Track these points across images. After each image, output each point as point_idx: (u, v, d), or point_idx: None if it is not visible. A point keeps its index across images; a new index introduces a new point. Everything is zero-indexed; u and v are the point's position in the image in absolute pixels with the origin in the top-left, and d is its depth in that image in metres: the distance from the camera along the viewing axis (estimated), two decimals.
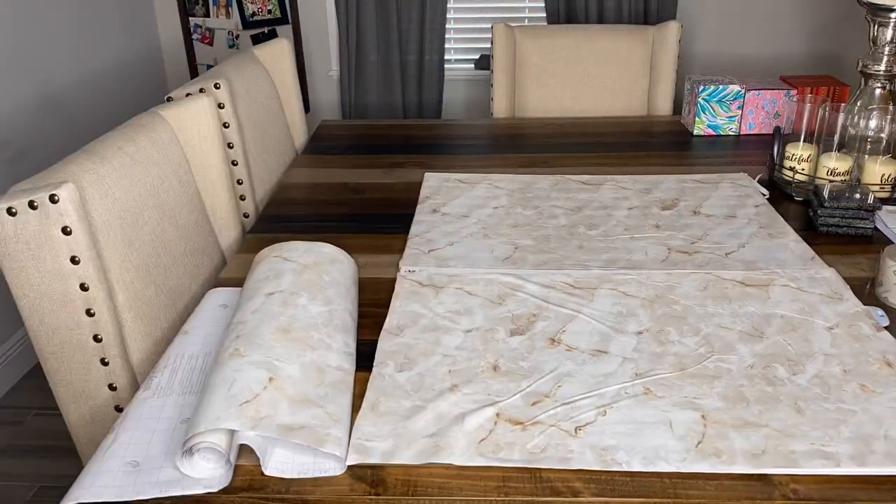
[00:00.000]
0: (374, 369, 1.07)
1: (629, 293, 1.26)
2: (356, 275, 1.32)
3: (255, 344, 1.00)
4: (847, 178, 1.61)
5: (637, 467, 0.89)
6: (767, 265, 1.34)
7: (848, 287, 1.26)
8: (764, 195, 1.65)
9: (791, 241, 1.43)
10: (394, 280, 1.34)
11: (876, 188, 1.58)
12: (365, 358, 1.12)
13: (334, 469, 0.90)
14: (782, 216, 1.55)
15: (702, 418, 0.97)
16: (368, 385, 1.04)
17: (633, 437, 0.94)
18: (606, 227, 1.50)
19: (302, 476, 0.89)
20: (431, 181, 1.76)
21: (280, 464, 0.90)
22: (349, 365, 1.06)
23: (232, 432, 0.88)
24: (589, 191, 1.68)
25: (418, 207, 1.62)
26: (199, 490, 0.86)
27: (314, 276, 1.20)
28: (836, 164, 1.59)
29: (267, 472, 0.89)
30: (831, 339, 1.13)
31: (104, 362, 1.14)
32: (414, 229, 1.51)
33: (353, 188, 1.77)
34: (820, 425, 0.95)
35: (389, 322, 1.19)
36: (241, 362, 0.96)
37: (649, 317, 1.19)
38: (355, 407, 1.00)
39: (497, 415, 0.98)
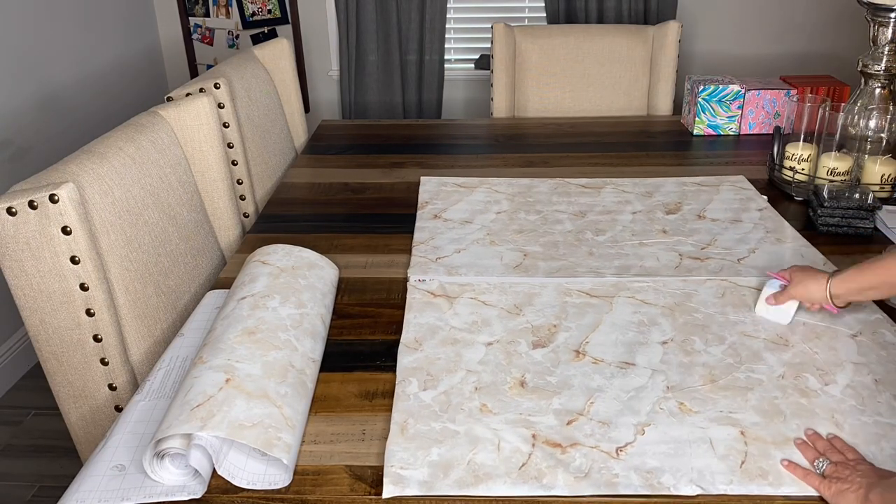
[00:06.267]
0: (397, 387, 1.03)
1: (647, 301, 1.24)
2: (336, 281, 1.30)
3: (217, 349, 0.99)
4: (847, 178, 1.61)
5: (685, 491, 0.86)
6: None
7: None
8: (764, 198, 1.64)
9: (801, 246, 1.42)
10: (393, 280, 1.34)
11: (876, 188, 1.58)
12: (362, 358, 1.12)
13: (282, 480, 0.88)
14: (782, 216, 1.54)
15: (741, 435, 0.94)
16: (394, 405, 1.00)
17: (676, 458, 0.91)
18: (613, 233, 1.48)
19: (251, 487, 0.87)
20: (428, 185, 1.73)
21: (232, 467, 0.88)
22: (311, 371, 1.04)
23: (189, 436, 0.87)
24: (590, 195, 1.67)
25: (419, 213, 1.58)
26: (183, 495, 0.86)
27: (290, 279, 1.19)
28: (836, 164, 1.59)
29: (220, 473, 0.87)
30: (857, 347, 1.11)
31: (104, 362, 1.14)
32: (417, 236, 1.48)
33: (353, 188, 1.77)
34: (860, 441, 0.93)
35: (406, 335, 1.15)
36: (201, 368, 0.96)
37: (671, 325, 1.17)
38: (383, 431, 0.96)
39: (533, 436, 0.94)
